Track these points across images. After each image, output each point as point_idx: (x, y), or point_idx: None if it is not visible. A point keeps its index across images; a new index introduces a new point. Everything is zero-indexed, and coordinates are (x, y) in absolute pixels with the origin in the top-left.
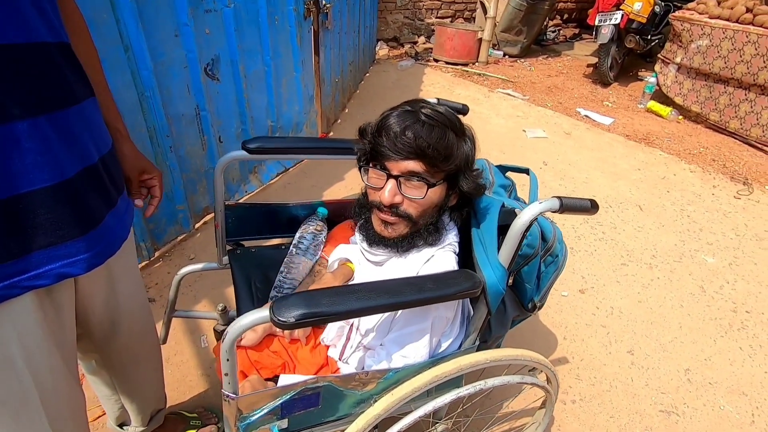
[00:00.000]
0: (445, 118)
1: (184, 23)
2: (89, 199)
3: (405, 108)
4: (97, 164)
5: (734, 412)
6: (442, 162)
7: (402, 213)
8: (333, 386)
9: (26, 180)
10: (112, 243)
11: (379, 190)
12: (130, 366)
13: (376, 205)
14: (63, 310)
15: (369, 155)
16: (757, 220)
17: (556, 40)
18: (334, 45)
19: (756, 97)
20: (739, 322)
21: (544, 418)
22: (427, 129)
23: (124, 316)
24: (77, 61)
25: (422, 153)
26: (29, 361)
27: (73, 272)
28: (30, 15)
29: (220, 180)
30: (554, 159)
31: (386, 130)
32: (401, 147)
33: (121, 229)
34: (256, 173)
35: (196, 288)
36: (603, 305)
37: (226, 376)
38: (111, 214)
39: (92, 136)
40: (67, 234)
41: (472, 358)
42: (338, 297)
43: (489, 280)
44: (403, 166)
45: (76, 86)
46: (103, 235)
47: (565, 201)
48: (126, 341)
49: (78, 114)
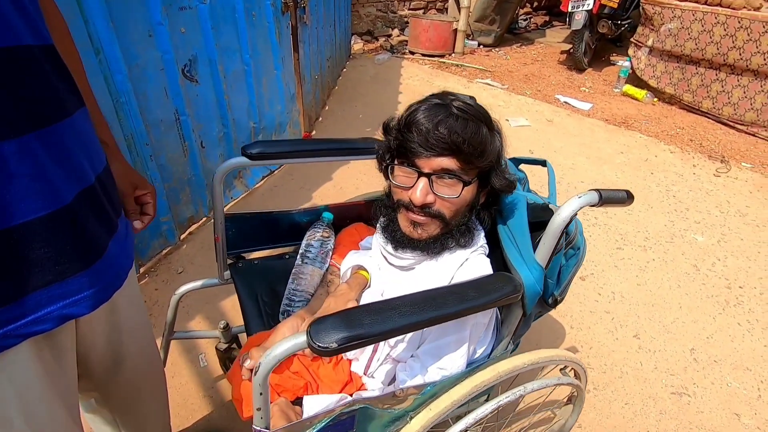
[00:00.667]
0: (477, 111)
1: (158, 22)
2: (90, 227)
3: (434, 101)
4: (94, 185)
5: (741, 388)
6: (477, 158)
7: (434, 213)
8: (369, 408)
9: (18, 211)
10: (117, 274)
11: (409, 189)
12: (134, 402)
13: (405, 204)
14: (65, 355)
15: (395, 152)
16: (738, 197)
17: (528, 28)
18: (313, 40)
19: (726, 77)
20: (734, 298)
21: (572, 414)
22: (461, 123)
23: (128, 350)
24: (64, 65)
25: (457, 149)
26: (30, 419)
27: (77, 313)
28: (9, 13)
29: (219, 189)
30: (539, 147)
31: (416, 125)
32: (434, 143)
33: (125, 258)
34: (241, 178)
35: (188, 304)
36: (604, 291)
37: (258, 411)
38: (113, 240)
39: (86, 153)
40: (68, 269)
41: (509, 363)
42: (380, 315)
43: (527, 281)
44: (435, 164)
45: (66, 95)
46: (108, 266)
47: (604, 194)
48: (130, 376)
49: (70, 128)
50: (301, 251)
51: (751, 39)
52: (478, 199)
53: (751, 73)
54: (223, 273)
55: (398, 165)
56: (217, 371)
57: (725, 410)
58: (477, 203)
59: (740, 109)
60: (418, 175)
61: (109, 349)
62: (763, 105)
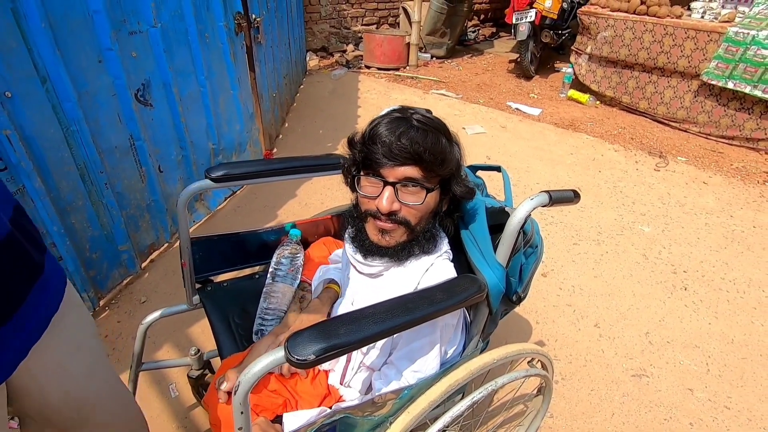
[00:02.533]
0: (435, 123)
1: (108, 48)
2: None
3: (395, 115)
4: (11, 232)
5: (692, 365)
6: (438, 166)
7: (400, 219)
8: (349, 417)
9: None
10: (32, 331)
11: (375, 198)
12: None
13: (372, 213)
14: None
15: (361, 164)
16: (677, 188)
17: (477, 39)
18: (268, 59)
19: (658, 79)
20: (680, 282)
21: (543, 404)
22: (422, 134)
23: (90, 398)
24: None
25: (419, 158)
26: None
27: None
28: None
29: (184, 214)
30: (495, 152)
31: (379, 137)
32: (397, 153)
33: (46, 306)
34: (202, 201)
35: (154, 333)
36: (565, 285)
37: (239, 431)
38: (37, 286)
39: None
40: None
41: (479, 361)
42: (355, 324)
43: (490, 281)
44: (399, 173)
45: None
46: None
47: (554, 195)
48: (104, 420)
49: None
50: (271, 269)
51: (676, 44)
52: (441, 206)
53: (678, 74)
54: (191, 298)
55: (364, 176)
56: (189, 400)
57: (680, 387)
58: (440, 210)
59: (672, 108)
60: (383, 184)
61: (65, 398)
62: (691, 103)
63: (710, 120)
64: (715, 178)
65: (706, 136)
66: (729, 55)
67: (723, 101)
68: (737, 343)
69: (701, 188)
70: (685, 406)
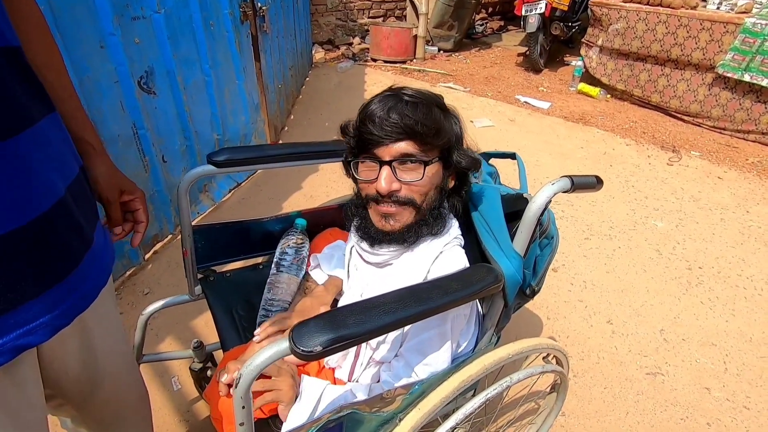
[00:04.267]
0: (426, 95)
1: (110, 33)
2: (55, 246)
3: (385, 93)
4: (65, 197)
5: (709, 363)
6: (434, 137)
7: (403, 200)
8: (357, 413)
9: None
10: (85, 295)
11: (374, 181)
12: (115, 424)
13: (373, 198)
14: (26, 386)
15: (356, 149)
16: (691, 183)
17: (485, 32)
18: (274, 50)
19: (671, 72)
20: (695, 278)
21: (557, 402)
22: (411, 107)
23: (105, 371)
24: (29, 68)
25: (412, 131)
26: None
27: (33, 342)
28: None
29: (185, 201)
30: (504, 145)
31: (369, 117)
32: (389, 129)
33: (98, 275)
34: (206, 192)
35: (156, 325)
36: (576, 280)
37: (241, 426)
38: (88, 256)
39: (54, 162)
40: (24, 295)
41: (494, 355)
42: (364, 314)
43: (507, 271)
44: (394, 150)
45: (28, 102)
46: (73, 287)
47: (576, 180)
48: (108, 397)
49: (33, 138)
50: (275, 259)
51: (690, 36)
52: (446, 182)
53: (692, 67)
54: (193, 288)
55: (361, 161)
56: (191, 393)
57: (696, 385)
58: (446, 186)
59: (685, 102)
60: (380, 165)
61: (84, 370)
62: (705, 97)
63: (725, 114)
64: (730, 173)
65: (720, 130)
66: (746, 47)
67: (738, 94)
68: (756, 342)
69: (716, 183)
70: (702, 406)
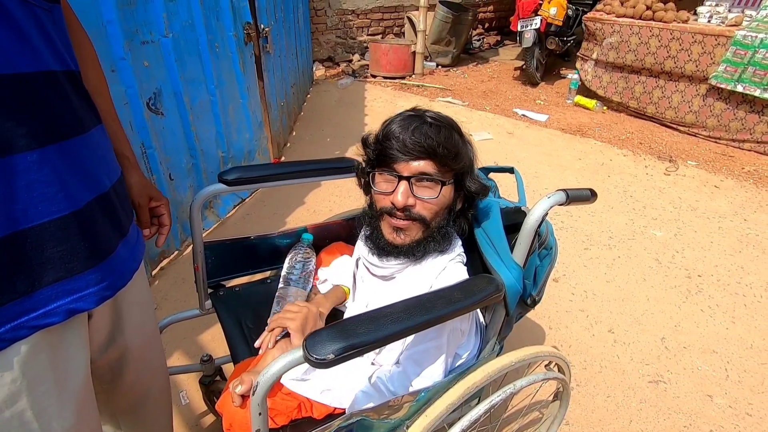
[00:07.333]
0: (448, 120)
1: (121, 57)
2: (101, 230)
3: (408, 113)
4: (110, 192)
5: (710, 370)
6: (452, 161)
7: (415, 216)
8: (366, 419)
9: (34, 213)
10: (122, 275)
11: (390, 194)
12: (139, 404)
13: (387, 211)
14: (77, 352)
15: (375, 162)
16: (688, 192)
17: (482, 47)
18: (277, 68)
19: (665, 83)
20: (695, 286)
21: (560, 410)
22: (435, 129)
23: (132, 352)
24: (84, 89)
25: (433, 152)
26: (40, 415)
27: (83, 307)
28: (38, 44)
29: (198, 218)
30: (503, 158)
31: (393, 134)
32: (411, 147)
33: (131, 260)
34: (211, 208)
35: (165, 340)
36: (577, 290)
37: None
38: (123, 243)
39: (102, 164)
40: (77, 267)
41: (497, 363)
42: (374, 323)
43: (507, 281)
44: (414, 168)
45: (83, 114)
46: (114, 266)
47: (571, 193)
48: (135, 377)
49: (86, 142)
50: (283, 273)
51: (683, 48)
52: (456, 203)
53: (686, 79)
54: (204, 303)
55: (379, 173)
56: (200, 407)
57: (699, 393)
58: (455, 207)
59: (680, 112)
60: (398, 179)
61: (114, 348)
62: (700, 107)
63: (720, 124)
64: (727, 181)
65: (716, 140)
66: (737, 59)
67: (732, 105)
68: (756, 348)
69: (713, 192)
70: (705, 413)
